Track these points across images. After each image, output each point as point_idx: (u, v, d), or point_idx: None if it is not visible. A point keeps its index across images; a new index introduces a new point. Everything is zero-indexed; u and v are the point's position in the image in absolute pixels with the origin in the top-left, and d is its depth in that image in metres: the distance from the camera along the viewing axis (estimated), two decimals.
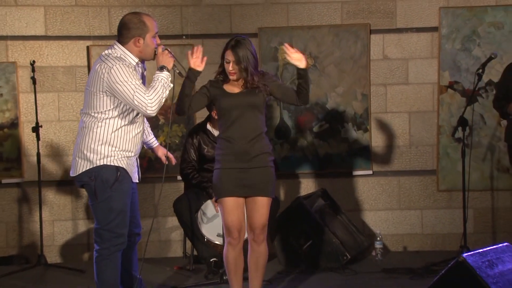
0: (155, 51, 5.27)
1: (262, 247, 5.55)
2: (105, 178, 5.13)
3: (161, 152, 5.78)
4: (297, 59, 5.44)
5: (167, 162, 5.67)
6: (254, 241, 5.55)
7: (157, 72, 5.19)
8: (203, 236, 6.88)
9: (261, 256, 5.57)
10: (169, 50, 5.29)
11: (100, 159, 5.14)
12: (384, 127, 7.99)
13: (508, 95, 7.06)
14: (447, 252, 7.49)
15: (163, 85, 5.13)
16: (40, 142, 7.28)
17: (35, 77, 7.23)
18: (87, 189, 5.22)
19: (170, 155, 5.74)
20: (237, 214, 5.50)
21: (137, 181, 5.44)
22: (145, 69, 5.42)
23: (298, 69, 5.45)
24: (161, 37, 7.45)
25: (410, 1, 7.92)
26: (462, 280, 4.16)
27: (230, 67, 5.45)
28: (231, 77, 5.49)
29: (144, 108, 5.06)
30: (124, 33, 5.24)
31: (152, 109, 5.08)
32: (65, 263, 7.61)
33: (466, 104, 7.22)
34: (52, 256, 7.76)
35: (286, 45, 5.51)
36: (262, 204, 5.50)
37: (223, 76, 5.57)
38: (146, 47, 5.23)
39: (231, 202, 5.49)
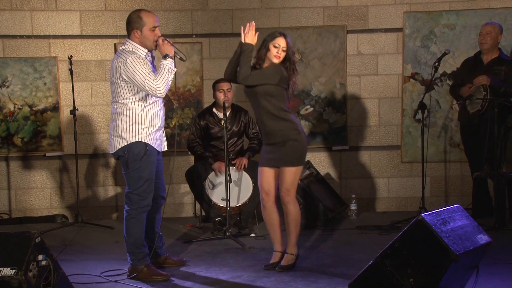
0: (156, 42, 5.20)
1: (288, 208, 5.45)
2: (136, 152, 5.15)
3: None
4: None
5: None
6: (282, 203, 5.47)
7: (162, 60, 5.14)
8: (210, 200, 6.86)
9: (287, 215, 5.47)
10: (168, 40, 5.23)
11: (132, 137, 5.15)
12: (358, 110, 7.98)
13: (463, 84, 7.11)
14: (408, 212, 7.51)
15: (168, 70, 5.10)
16: (76, 122, 7.25)
17: (72, 69, 7.19)
18: (122, 161, 5.23)
19: None
20: (266, 180, 5.47)
21: (165, 149, 5.43)
22: (153, 58, 5.35)
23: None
24: (174, 36, 7.52)
25: (379, 7, 7.90)
26: (421, 235, 4.17)
27: (279, 52, 5.34)
28: (275, 60, 5.35)
29: (154, 92, 5.05)
30: (127, 27, 5.22)
31: (160, 91, 5.06)
32: (97, 221, 7.60)
33: (425, 91, 7.22)
34: (87, 215, 7.75)
35: (242, 27, 5.40)
36: (285, 173, 5.39)
37: (259, 65, 5.45)
38: (144, 38, 5.16)
39: (262, 171, 5.49)
